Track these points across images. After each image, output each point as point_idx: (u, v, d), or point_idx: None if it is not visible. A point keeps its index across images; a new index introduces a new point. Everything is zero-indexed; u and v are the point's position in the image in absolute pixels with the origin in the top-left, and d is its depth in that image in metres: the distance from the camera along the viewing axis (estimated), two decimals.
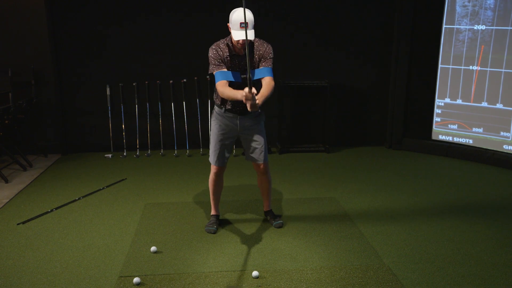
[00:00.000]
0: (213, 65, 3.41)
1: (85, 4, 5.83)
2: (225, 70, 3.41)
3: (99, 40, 5.94)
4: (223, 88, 3.35)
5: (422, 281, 3.03)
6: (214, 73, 3.41)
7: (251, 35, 3.25)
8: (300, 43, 6.13)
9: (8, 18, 5.77)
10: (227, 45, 3.42)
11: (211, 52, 3.42)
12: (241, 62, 3.44)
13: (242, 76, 3.45)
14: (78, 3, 5.82)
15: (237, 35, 3.27)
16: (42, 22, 5.73)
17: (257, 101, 3.16)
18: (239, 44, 3.33)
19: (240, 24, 3.24)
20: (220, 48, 3.42)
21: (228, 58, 3.43)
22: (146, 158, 5.95)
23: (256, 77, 3.45)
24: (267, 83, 3.42)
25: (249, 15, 3.28)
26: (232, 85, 3.41)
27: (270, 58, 3.46)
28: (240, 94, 3.19)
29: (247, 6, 3.08)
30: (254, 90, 3.15)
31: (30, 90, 5.88)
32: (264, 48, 3.45)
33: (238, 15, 3.27)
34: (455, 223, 3.93)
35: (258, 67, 3.46)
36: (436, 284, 3.00)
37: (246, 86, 3.21)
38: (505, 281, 3.04)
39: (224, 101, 3.54)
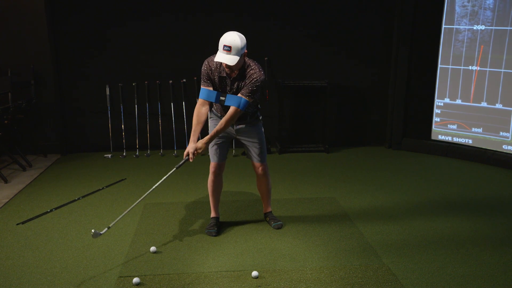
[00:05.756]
0: (202, 80, 3.46)
1: (85, 4, 5.83)
2: (210, 89, 3.44)
3: (99, 40, 5.94)
4: (198, 107, 3.49)
5: (422, 281, 3.03)
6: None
7: (230, 60, 3.19)
8: (300, 43, 6.12)
9: (8, 18, 5.76)
10: (219, 64, 3.39)
11: (203, 68, 3.44)
12: (232, 86, 3.41)
13: (220, 98, 3.46)
14: (78, 3, 5.82)
15: (218, 55, 3.25)
16: (42, 22, 5.73)
17: (200, 150, 3.40)
18: (226, 68, 3.31)
19: (223, 46, 3.20)
20: (211, 67, 3.40)
21: (217, 79, 3.42)
22: (146, 158, 5.95)
23: (228, 103, 3.43)
24: (229, 113, 3.37)
25: (236, 41, 3.19)
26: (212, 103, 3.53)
27: (250, 89, 3.34)
28: (191, 140, 3.46)
29: (246, 8, 3.06)
30: (197, 150, 3.39)
31: (30, 90, 5.88)
32: (252, 78, 3.34)
33: (225, 36, 3.23)
34: (455, 223, 3.94)
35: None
36: (436, 284, 3.00)
37: (224, 107, 3.42)
38: (505, 281, 3.04)
39: (217, 107, 3.58)
